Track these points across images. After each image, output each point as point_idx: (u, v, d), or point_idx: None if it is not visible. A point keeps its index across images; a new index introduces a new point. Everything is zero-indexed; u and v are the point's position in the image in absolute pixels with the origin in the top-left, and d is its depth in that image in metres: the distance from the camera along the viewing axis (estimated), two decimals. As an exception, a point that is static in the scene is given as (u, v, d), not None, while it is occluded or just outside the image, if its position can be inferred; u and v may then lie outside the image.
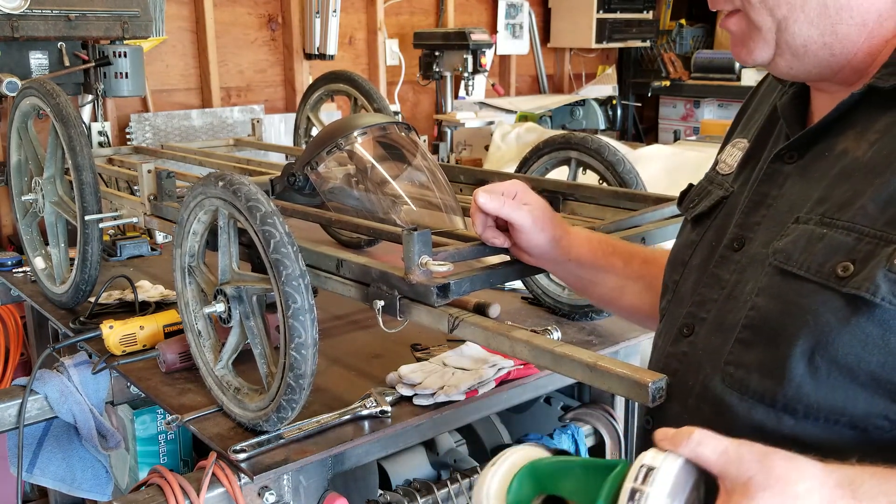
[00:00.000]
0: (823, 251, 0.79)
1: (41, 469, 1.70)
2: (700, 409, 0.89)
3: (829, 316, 0.78)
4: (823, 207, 0.82)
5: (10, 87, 2.16)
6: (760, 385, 0.83)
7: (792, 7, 0.84)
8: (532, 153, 1.81)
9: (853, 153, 0.83)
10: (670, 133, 4.42)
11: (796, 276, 0.81)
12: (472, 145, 3.67)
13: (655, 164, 2.78)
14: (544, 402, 1.83)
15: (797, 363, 0.79)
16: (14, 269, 2.26)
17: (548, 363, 0.98)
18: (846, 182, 0.82)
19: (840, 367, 0.77)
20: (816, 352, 0.78)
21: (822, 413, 0.79)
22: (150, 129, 2.94)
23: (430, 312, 1.13)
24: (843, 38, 0.84)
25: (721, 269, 0.92)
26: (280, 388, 1.23)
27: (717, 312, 0.90)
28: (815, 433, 0.80)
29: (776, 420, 0.82)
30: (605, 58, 4.76)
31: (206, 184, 1.30)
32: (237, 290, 1.31)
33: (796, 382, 0.80)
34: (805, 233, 0.82)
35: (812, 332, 0.78)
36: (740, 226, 0.92)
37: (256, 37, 3.32)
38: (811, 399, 0.79)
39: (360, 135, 1.56)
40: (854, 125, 0.85)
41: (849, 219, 0.79)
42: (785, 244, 0.84)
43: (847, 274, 0.77)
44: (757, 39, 0.88)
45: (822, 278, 0.79)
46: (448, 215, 1.50)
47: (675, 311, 0.99)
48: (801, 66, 0.87)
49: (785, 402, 0.81)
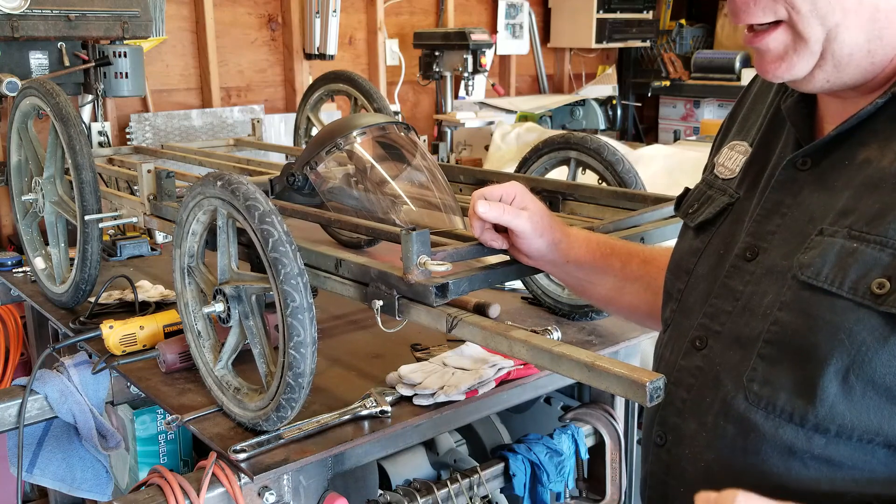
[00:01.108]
0: (856, 267, 0.77)
1: (41, 469, 1.70)
2: (722, 428, 0.87)
3: (866, 335, 0.76)
4: (849, 220, 0.80)
5: (10, 87, 2.16)
6: (790, 404, 0.80)
7: (846, 12, 0.79)
8: (532, 153, 1.81)
9: (878, 163, 0.81)
10: (670, 133, 4.42)
11: (827, 292, 0.78)
12: (472, 145, 3.67)
13: (655, 164, 2.78)
14: (544, 402, 1.83)
15: (830, 382, 0.77)
16: (14, 269, 2.26)
17: (546, 363, 0.98)
18: (873, 194, 0.79)
19: (876, 387, 0.76)
20: (851, 371, 0.76)
21: (856, 433, 0.77)
22: (150, 129, 2.94)
23: (428, 312, 1.13)
24: (887, 44, 0.80)
25: (734, 279, 0.90)
26: (279, 388, 1.23)
27: (733, 325, 0.88)
28: (847, 453, 0.78)
29: (806, 440, 0.80)
30: (605, 58, 4.76)
31: (204, 184, 1.30)
32: (236, 290, 1.31)
33: (829, 402, 0.78)
34: (832, 246, 0.80)
35: (847, 352, 0.76)
36: (753, 234, 0.90)
37: (256, 37, 3.32)
38: (845, 419, 0.77)
39: (359, 135, 1.56)
40: (876, 134, 0.82)
41: (881, 233, 0.77)
42: (811, 258, 0.81)
43: (884, 291, 0.75)
44: (802, 52, 0.82)
45: (856, 296, 0.76)
46: (447, 215, 1.50)
47: (682, 321, 0.97)
48: (839, 77, 0.83)
49: (816, 421, 0.79)
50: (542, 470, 1.59)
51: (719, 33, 4.77)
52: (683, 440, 0.92)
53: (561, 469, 1.63)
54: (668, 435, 0.94)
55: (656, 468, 0.97)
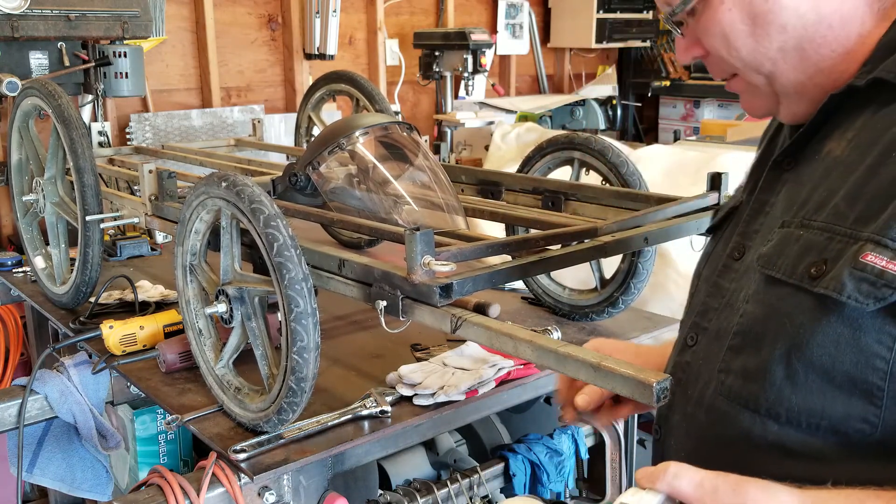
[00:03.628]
0: (798, 253, 0.80)
1: (41, 469, 1.70)
2: (696, 417, 0.90)
3: (803, 317, 0.78)
4: (805, 210, 0.83)
5: (10, 87, 2.16)
6: (745, 389, 0.83)
7: (774, 62, 0.86)
8: (535, 152, 1.81)
9: (834, 153, 0.84)
10: (670, 133, 4.41)
11: (777, 280, 0.82)
12: (472, 145, 3.67)
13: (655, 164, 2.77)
14: (544, 402, 1.83)
15: (776, 366, 0.80)
16: (14, 269, 2.26)
17: (552, 363, 0.98)
18: (824, 182, 0.83)
19: (816, 369, 0.78)
20: (793, 354, 0.79)
21: (803, 417, 0.79)
22: (150, 129, 2.94)
23: (432, 312, 1.13)
24: (830, 71, 0.85)
25: (723, 278, 0.93)
26: (281, 391, 1.23)
27: (717, 321, 0.91)
28: (799, 438, 0.80)
29: (761, 426, 0.82)
30: (605, 58, 4.76)
31: (209, 183, 1.30)
32: (239, 291, 1.31)
33: (777, 386, 0.80)
34: (788, 237, 0.83)
35: (788, 335, 0.79)
36: (742, 234, 0.93)
37: (256, 37, 3.32)
38: (791, 403, 0.80)
39: (361, 135, 1.56)
40: (839, 125, 0.86)
41: (824, 219, 0.80)
42: (769, 249, 0.84)
43: (819, 274, 0.77)
44: (757, 94, 0.92)
45: (796, 280, 0.79)
46: (450, 215, 1.50)
47: (685, 321, 1.00)
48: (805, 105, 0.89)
49: (768, 406, 0.81)
50: (542, 470, 1.59)
51: (719, 34, 4.76)
52: (671, 432, 0.96)
53: (561, 469, 1.63)
54: (661, 428, 0.98)
55: (655, 461, 0.99)
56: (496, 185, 1.77)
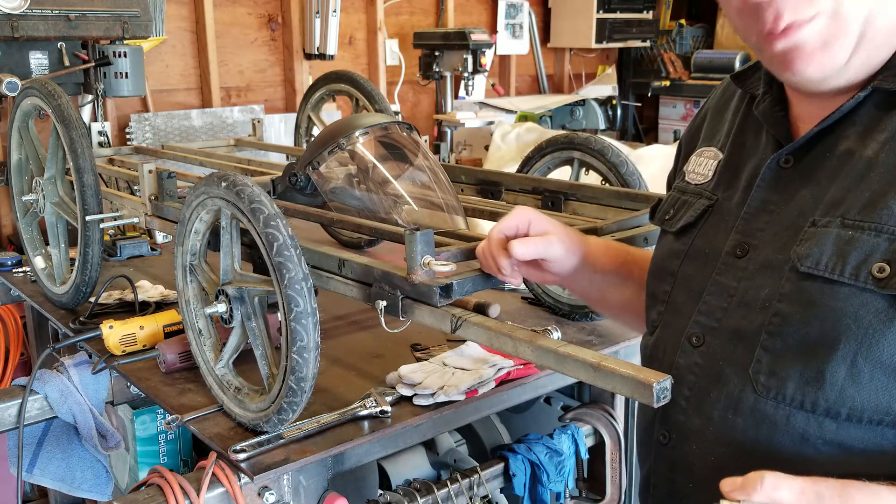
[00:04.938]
0: (855, 254, 0.80)
1: (41, 469, 1.70)
2: (731, 422, 0.88)
3: (871, 318, 0.78)
4: (840, 210, 0.83)
5: (10, 87, 2.16)
6: (799, 392, 0.83)
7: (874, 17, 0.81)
8: (535, 152, 1.81)
9: (860, 153, 0.84)
10: (670, 133, 4.42)
11: (828, 280, 0.81)
12: (472, 145, 3.67)
13: (655, 164, 2.77)
14: (544, 401, 1.83)
15: (838, 367, 0.80)
16: (14, 269, 2.26)
17: (551, 363, 0.98)
18: (861, 183, 0.82)
19: (884, 368, 0.78)
20: (859, 354, 0.79)
21: (866, 414, 0.80)
22: (150, 129, 2.94)
23: (432, 312, 1.13)
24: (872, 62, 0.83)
25: (725, 276, 0.92)
26: (281, 391, 1.23)
27: (729, 320, 0.90)
28: (858, 435, 0.81)
29: (817, 425, 0.82)
30: (605, 58, 4.76)
31: (209, 183, 1.30)
32: (239, 291, 1.31)
33: (839, 387, 0.80)
34: (827, 236, 0.82)
35: (854, 336, 0.79)
36: (742, 232, 0.93)
37: (256, 37, 3.32)
38: (855, 402, 0.80)
39: (361, 134, 1.56)
40: (855, 125, 0.86)
41: (875, 220, 0.80)
42: (807, 249, 0.83)
43: (885, 275, 0.78)
44: (842, 38, 0.82)
45: (858, 281, 0.79)
46: (450, 215, 1.50)
47: (673, 321, 0.99)
48: (868, 62, 0.84)
49: (827, 406, 0.81)
50: (542, 470, 1.59)
51: (719, 33, 4.77)
52: (689, 437, 0.93)
53: (561, 469, 1.62)
54: (671, 433, 0.95)
55: (660, 466, 0.98)
56: (496, 185, 1.77)
